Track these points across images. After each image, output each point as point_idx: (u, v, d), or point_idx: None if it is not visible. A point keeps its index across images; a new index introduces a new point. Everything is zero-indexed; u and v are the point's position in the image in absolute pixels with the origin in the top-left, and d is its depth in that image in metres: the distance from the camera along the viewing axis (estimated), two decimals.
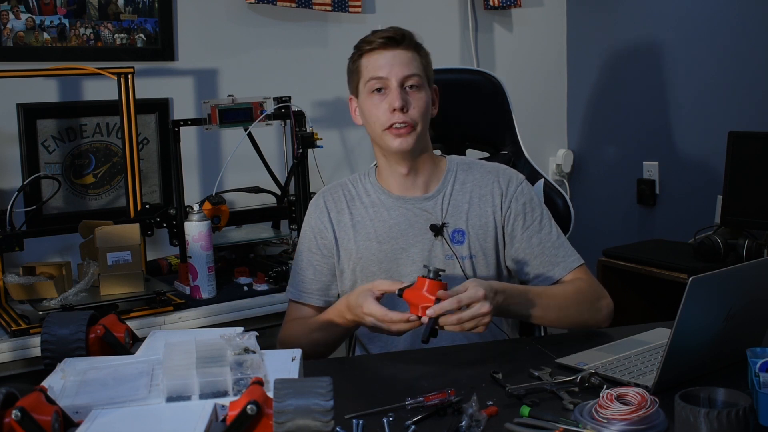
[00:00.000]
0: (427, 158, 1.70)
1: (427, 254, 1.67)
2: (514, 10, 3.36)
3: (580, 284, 1.65)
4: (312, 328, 1.65)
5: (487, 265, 1.69)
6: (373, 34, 1.64)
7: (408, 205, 1.69)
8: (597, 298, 1.65)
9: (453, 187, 1.71)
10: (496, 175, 1.72)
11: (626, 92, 3.25)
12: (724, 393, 1.13)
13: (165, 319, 2.05)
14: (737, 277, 1.30)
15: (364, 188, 1.74)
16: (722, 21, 2.85)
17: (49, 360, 1.08)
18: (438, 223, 1.67)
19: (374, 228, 1.69)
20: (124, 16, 2.55)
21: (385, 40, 1.61)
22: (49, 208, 2.45)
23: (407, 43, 1.62)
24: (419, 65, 1.63)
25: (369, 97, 1.64)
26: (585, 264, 1.70)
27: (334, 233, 1.71)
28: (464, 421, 1.17)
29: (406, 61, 1.61)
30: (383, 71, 1.61)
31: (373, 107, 1.63)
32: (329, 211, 1.73)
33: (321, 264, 1.72)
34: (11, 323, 1.94)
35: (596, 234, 3.30)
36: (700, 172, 2.97)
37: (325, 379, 0.86)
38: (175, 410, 0.91)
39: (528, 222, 1.69)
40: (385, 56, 1.61)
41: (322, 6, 2.84)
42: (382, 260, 1.68)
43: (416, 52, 1.64)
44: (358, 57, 1.66)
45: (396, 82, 1.60)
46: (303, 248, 1.75)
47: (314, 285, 1.72)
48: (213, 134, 2.70)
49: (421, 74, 1.63)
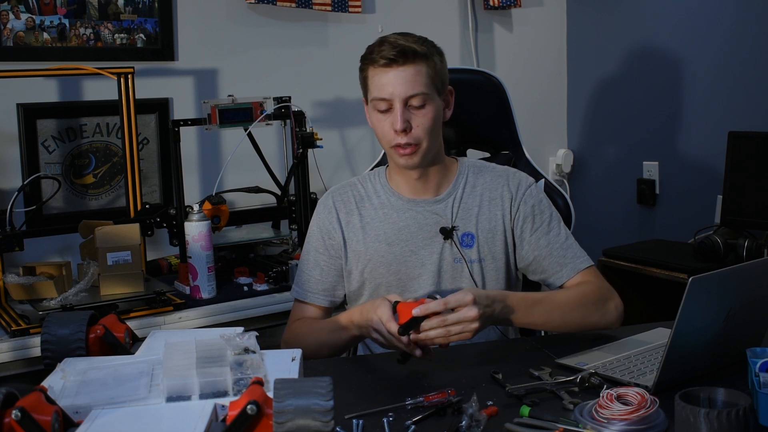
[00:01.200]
0: (439, 162, 1.70)
1: (436, 257, 1.67)
2: (514, 10, 3.36)
3: (585, 287, 1.63)
4: (317, 329, 1.65)
5: (496, 269, 1.68)
6: (379, 47, 1.59)
7: (418, 208, 1.69)
8: (604, 299, 1.62)
9: (464, 190, 1.70)
10: (506, 179, 1.71)
11: (626, 92, 3.25)
12: (724, 393, 1.13)
13: (165, 319, 2.05)
14: (737, 277, 1.30)
15: (374, 189, 1.74)
16: (722, 21, 2.85)
17: (49, 360, 1.08)
18: (448, 227, 1.67)
19: (384, 230, 1.69)
20: (124, 16, 2.55)
21: (388, 60, 1.56)
22: (49, 208, 2.45)
23: (411, 59, 1.56)
24: (425, 79, 1.58)
25: (375, 114, 1.62)
26: (594, 266, 1.69)
27: (342, 234, 1.71)
28: (464, 421, 1.17)
29: (410, 78, 1.56)
30: (386, 92, 1.57)
31: (378, 124, 1.62)
32: (338, 212, 1.72)
33: (328, 264, 1.72)
34: (11, 323, 1.94)
35: (596, 234, 3.30)
36: (700, 172, 2.97)
37: (325, 379, 0.86)
38: (175, 410, 0.91)
39: (537, 224, 1.68)
40: (389, 75, 1.57)
41: (322, 6, 2.84)
42: (391, 262, 1.67)
43: (423, 64, 1.58)
44: (365, 69, 1.62)
45: (399, 102, 1.57)
46: (310, 248, 1.75)
47: (320, 285, 1.72)
48: (213, 134, 2.70)
49: (426, 90, 1.58)
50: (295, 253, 2.47)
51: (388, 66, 1.57)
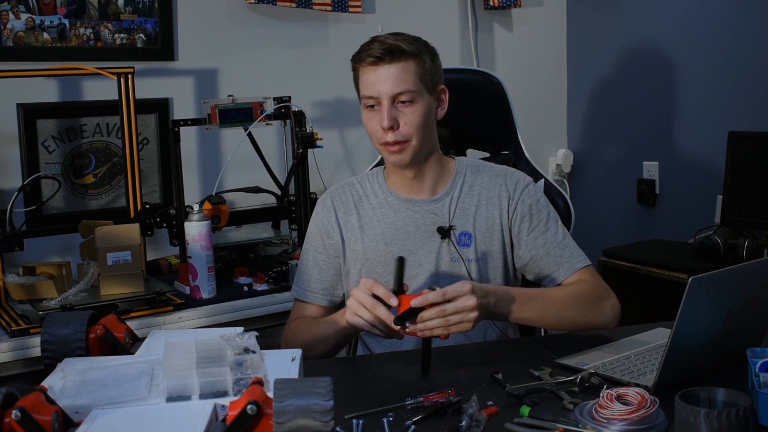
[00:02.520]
0: (434, 161, 1.70)
1: (434, 257, 1.67)
2: (514, 10, 3.36)
3: (581, 286, 1.63)
4: (313, 325, 1.65)
5: (493, 268, 1.69)
6: (369, 45, 1.61)
7: (415, 207, 1.69)
8: (600, 298, 1.62)
9: (461, 189, 1.70)
10: (504, 178, 1.71)
11: (626, 92, 3.25)
12: (724, 393, 1.13)
13: (165, 319, 2.05)
14: (737, 277, 1.30)
15: (372, 189, 1.74)
16: (722, 21, 2.85)
17: (49, 360, 1.08)
18: (445, 226, 1.67)
19: (381, 229, 1.69)
20: (124, 16, 2.55)
21: (375, 59, 1.58)
22: (49, 208, 2.45)
23: (398, 57, 1.58)
24: (412, 77, 1.58)
25: (365, 112, 1.64)
26: (592, 265, 1.69)
27: (341, 233, 1.71)
28: (464, 421, 1.17)
29: (397, 75, 1.57)
30: (374, 90, 1.59)
31: (368, 122, 1.64)
32: (336, 211, 1.73)
33: (327, 264, 1.72)
34: (11, 323, 1.94)
35: (596, 234, 3.31)
36: (700, 172, 2.97)
37: (325, 379, 0.86)
38: (175, 410, 0.91)
39: (534, 223, 1.68)
40: (376, 73, 1.59)
41: (322, 6, 2.84)
42: (389, 262, 1.67)
43: (411, 61, 1.59)
44: (356, 67, 1.65)
45: (386, 100, 1.58)
46: (309, 247, 1.75)
47: (319, 285, 1.72)
48: (213, 134, 2.70)
49: (414, 87, 1.59)
50: (295, 253, 2.47)
51: (375, 64, 1.59)
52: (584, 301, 1.60)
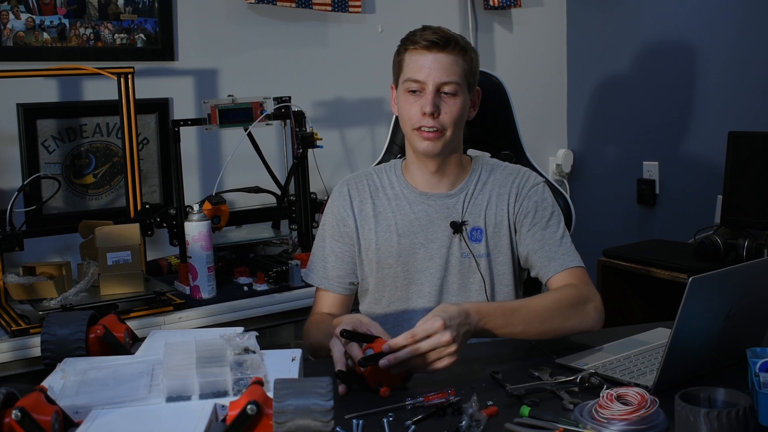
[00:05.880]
0: (456, 158, 1.72)
1: (445, 251, 1.69)
2: (514, 10, 3.36)
3: (563, 291, 1.59)
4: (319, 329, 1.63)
5: (503, 263, 1.70)
6: (421, 31, 1.64)
7: (430, 201, 1.71)
8: (583, 302, 1.58)
9: (476, 186, 1.73)
10: (515, 176, 1.74)
11: (626, 92, 3.25)
12: (724, 393, 1.13)
13: (165, 319, 2.05)
14: (737, 277, 1.30)
15: (389, 180, 1.76)
16: (722, 21, 2.85)
17: (49, 360, 1.08)
18: (458, 221, 1.68)
19: (395, 221, 1.71)
20: (124, 16, 2.55)
21: (429, 43, 1.61)
22: (49, 208, 2.45)
23: (452, 47, 1.61)
24: (460, 70, 1.62)
25: (405, 95, 1.65)
26: (584, 269, 1.68)
27: (355, 222, 1.73)
28: (464, 421, 1.17)
29: (446, 65, 1.61)
30: (421, 74, 1.61)
31: (406, 105, 1.65)
32: (352, 200, 1.74)
33: (343, 251, 1.74)
34: (11, 323, 1.94)
35: (596, 234, 3.30)
36: (700, 172, 2.97)
37: (325, 379, 0.86)
38: (175, 410, 0.91)
39: (536, 220, 1.70)
40: (427, 58, 1.61)
41: (322, 6, 2.84)
42: (400, 253, 1.69)
43: (461, 55, 1.63)
44: (403, 51, 1.66)
45: (432, 86, 1.60)
46: (325, 235, 1.76)
47: (335, 272, 1.73)
48: (213, 134, 2.70)
49: (459, 80, 1.62)
50: (295, 253, 2.47)
51: (428, 49, 1.61)
52: (566, 306, 1.56)
